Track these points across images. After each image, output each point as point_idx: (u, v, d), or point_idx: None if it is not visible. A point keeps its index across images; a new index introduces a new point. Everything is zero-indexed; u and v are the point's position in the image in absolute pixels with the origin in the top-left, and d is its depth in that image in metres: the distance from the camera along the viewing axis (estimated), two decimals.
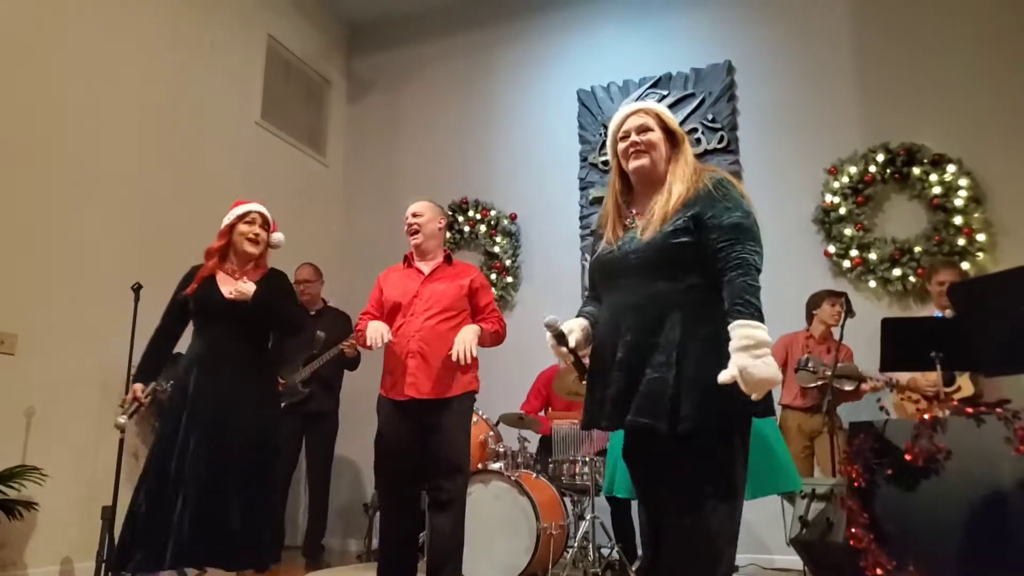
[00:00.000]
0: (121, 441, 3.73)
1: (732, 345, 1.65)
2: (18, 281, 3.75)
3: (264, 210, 3.11)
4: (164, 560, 2.63)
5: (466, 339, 2.89)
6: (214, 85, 5.13)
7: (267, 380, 3.07)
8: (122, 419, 2.93)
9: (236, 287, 2.91)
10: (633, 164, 1.97)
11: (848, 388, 3.84)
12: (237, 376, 2.88)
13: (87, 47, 4.24)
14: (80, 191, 4.12)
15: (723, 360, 1.67)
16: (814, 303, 4.26)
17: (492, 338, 3.07)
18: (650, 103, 2.09)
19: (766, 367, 1.62)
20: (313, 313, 4.64)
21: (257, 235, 3.03)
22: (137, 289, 3.81)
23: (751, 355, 1.62)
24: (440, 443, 2.92)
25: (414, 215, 3.19)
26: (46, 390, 3.80)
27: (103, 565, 3.43)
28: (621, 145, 2.00)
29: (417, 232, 3.16)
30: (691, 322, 1.78)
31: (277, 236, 3.13)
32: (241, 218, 3.05)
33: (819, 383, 3.82)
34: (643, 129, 1.98)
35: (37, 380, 3.76)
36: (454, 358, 2.85)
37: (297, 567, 4.36)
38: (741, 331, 1.65)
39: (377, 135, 6.29)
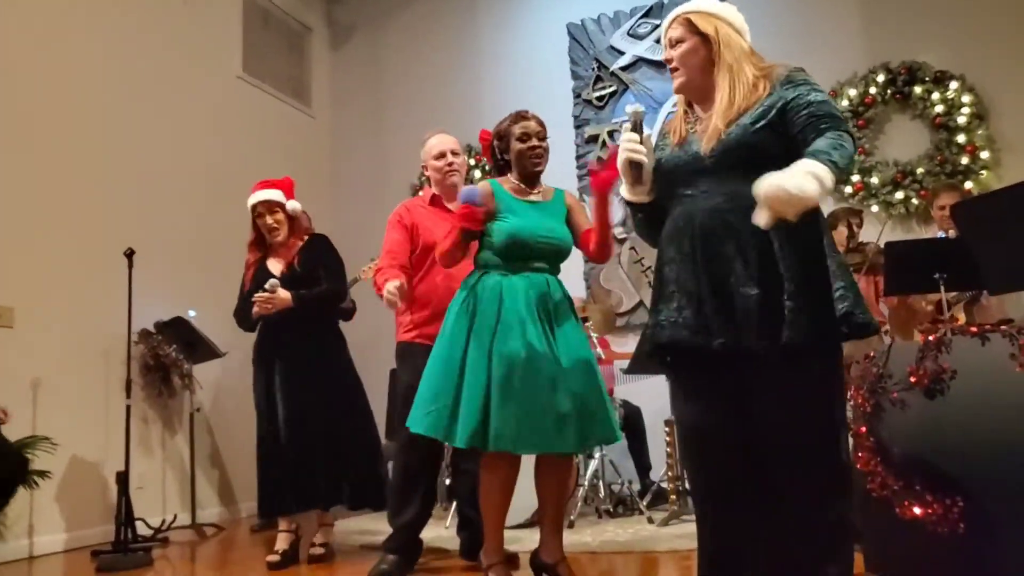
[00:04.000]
0: (128, 407, 3.76)
1: (799, 166, 1.49)
2: (9, 254, 3.71)
3: (267, 195, 3.19)
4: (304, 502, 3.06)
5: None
6: (190, 40, 4.97)
7: (332, 342, 3.22)
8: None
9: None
10: (673, 86, 1.84)
11: None
12: (304, 345, 3.12)
13: (54, 8, 4.10)
14: (64, 159, 4.04)
15: (819, 265, 1.61)
16: (831, 223, 3.93)
17: None
18: (686, 6, 1.85)
19: (795, 178, 1.45)
20: None
21: (270, 224, 3.17)
22: (130, 255, 3.77)
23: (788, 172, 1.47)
24: None
25: (454, 152, 2.89)
26: (49, 360, 3.80)
27: (121, 527, 3.49)
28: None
29: (458, 172, 2.88)
30: (783, 230, 1.58)
31: (292, 205, 3.22)
32: (253, 213, 3.21)
33: None
34: (674, 43, 1.82)
35: (39, 351, 3.76)
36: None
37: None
38: (799, 163, 1.50)
39: (362, 82, 6.14)
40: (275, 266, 3.21)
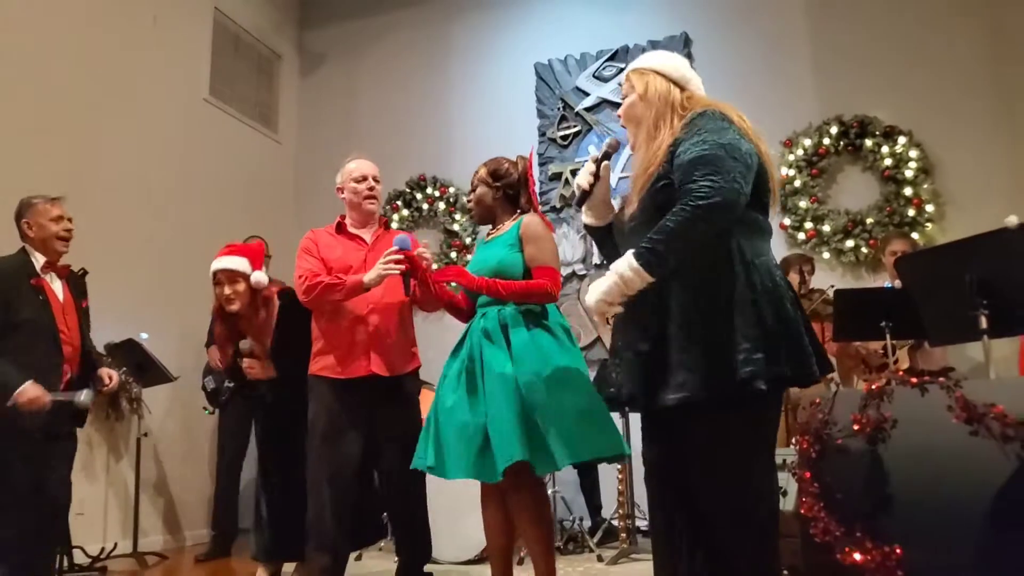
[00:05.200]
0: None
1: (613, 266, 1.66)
2: None
3: (227, 263, 2.93)
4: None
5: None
6: (158, 61, 4.94)
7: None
8: None
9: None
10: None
11: None
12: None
13: (18, 24, 4.04)
14: (18, 177, 3.95)
15: (718, 318, 1.59)
16: (783, 269, 4.19)
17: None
18: (634, 63, 1.92)
19: (591, 290, 1.65)
20: None
21: (230, 296, 2.90)
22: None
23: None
24: (395, 423, 2.77)
25: (375, 179, 2.95)
26: None
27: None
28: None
29: (376, 199, 2.94)
30: (680, 284, 1.65)
31: (256, 278, 2.94)
32: (213, 279, 2.95)
33: None
34: (624, 97, 1.91)
35: None
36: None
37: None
38: (618, 263, 1.65)
39: (331, 111, 6.15)
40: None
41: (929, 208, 4.51)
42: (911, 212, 4.52)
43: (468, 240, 5.50)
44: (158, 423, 4.63)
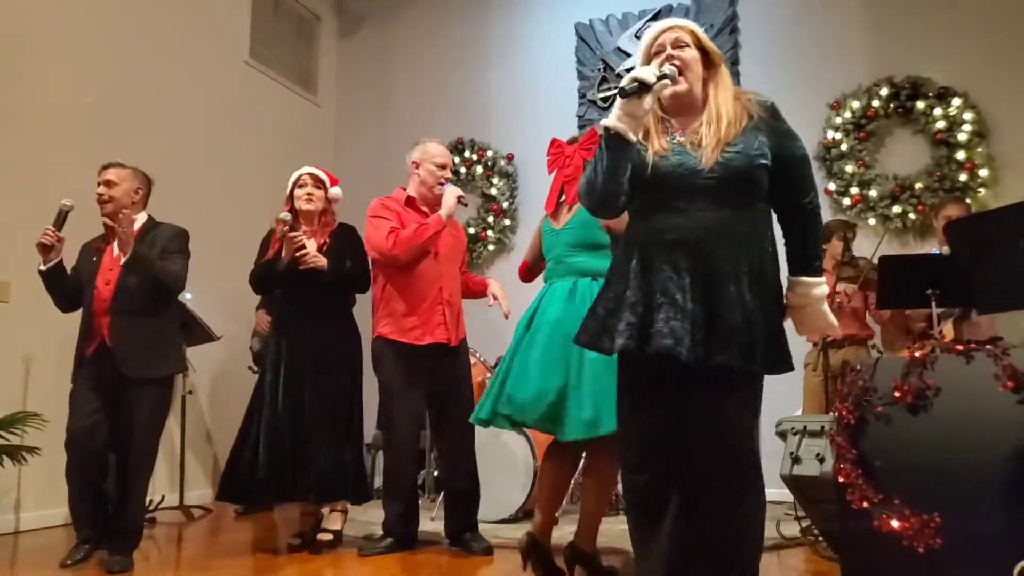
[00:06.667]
0: None
1: (815, 293, 1.88)
2: (6, 228, 3.72)
3: (315, 170, 3.32)
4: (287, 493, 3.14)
5: (502, 293, 3.17)
6: (198, 23, 4.97)
7: (349, 328, 3.29)
8: None
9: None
10: (671, 91, 1.83)
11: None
12: (321, 327, 3.16)
13: None
14: (63, 136, 4.05)
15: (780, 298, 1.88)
16: (825, 236, 4.01)
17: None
18: (689, 22, 1.96)
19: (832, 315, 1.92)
20: None
21: (310, 195, 3.25)
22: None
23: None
24: (453, 386, 3.15)
25: (447, 167, 3.26)
26: (42, 337, 3.80)
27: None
28: (655, 62, 1.86)
29: (444, 184, 3.22)
30: (761, 256, 1.82)
31: (334, 191, 3.34)
32: (295, 183, 3.30)
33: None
34: (678, 44, 1.86)
35: (33, 327, 3.76)
36: (494, 304, 3.14)
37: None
38: (817, 289, 1.89)
39: (369, 73, 6.14)
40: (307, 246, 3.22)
41: (983, 173, 4.35)
42: (963, 177, 4.37)
43: (505, 204, 5.48)
44: (202, 381, 4.77)
